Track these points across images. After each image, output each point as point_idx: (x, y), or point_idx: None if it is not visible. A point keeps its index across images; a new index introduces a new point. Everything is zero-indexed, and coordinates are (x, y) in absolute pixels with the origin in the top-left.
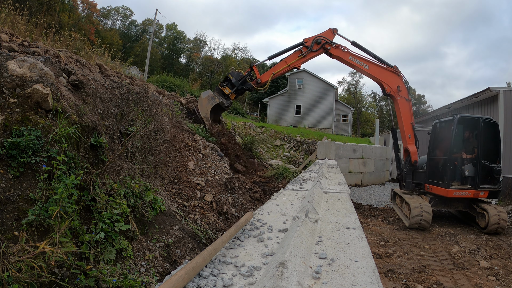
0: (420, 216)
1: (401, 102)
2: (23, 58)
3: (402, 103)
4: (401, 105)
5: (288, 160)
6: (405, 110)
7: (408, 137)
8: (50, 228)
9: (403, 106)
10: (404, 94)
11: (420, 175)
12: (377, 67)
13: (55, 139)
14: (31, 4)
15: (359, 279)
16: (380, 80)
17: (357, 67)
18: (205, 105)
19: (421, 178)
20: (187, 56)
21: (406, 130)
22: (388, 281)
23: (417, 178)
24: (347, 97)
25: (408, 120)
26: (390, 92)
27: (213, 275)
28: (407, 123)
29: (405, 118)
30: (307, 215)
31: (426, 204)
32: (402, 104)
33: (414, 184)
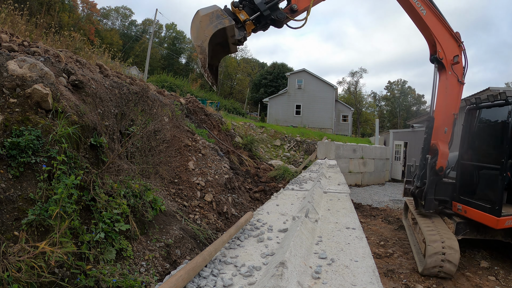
0: (441, 256)
1: (452, 80)
2: (23, 58)
3: (452, 82)
4: (451, 84)
5: (288, 160)
6: (453, 93)
7: (444, 131)
8: (50, 228)
9: (452, 87)
10: (459, 72)
11: (446, 187)
12: (437, 19)
13: (55, 139)
14: (31, 4)
15: (359, 279)
16: (435, 36)
17: (412, 7)
18: (204, 27)
19: (447, 192)
20: (187, 56)
21: (444, 121)
22: (388, 281)
23: (440, 191)
24: (347, 97)
25: (451, 107)
26: (442, 59)
27: (213, 275)
28: (448, 111)
29: (448, 104)
30: (307, 215)
31: (450, 237)
32: (452, 83)
33: (438, 201)
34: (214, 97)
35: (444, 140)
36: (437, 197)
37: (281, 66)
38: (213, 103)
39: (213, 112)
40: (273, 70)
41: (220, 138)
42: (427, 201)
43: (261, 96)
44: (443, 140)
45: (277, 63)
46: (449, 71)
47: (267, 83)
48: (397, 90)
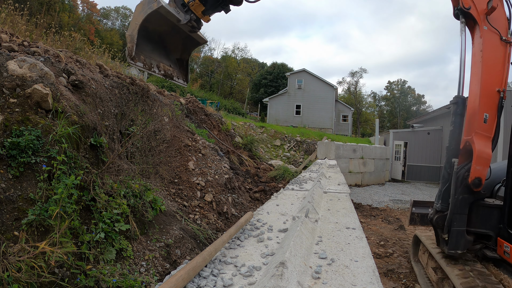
0: None
1: (489, 39)
2: (23, 58)
3: (490, 41)
4: (488, 45)
5: (288, 160)
6: (494, 59)
7: (483, 119)
8: (50, 228)
9: (491, 48)
10: (500, 25)
11: (487, 213)
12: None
13: (55, 139)
14: (31, 4)
15: (359, 279)
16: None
17: None
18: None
19: (489, 221)
20: None
21: (482, 103)
22: (388, 281)
23: (477, 219)
24: (347, 97)
25: (492, 81)
26: (470, 8)
27: (213, 275)
28: (488, 87)
29: (487, 76)
30: (307, 215)
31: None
32: (491, 44)
33: (473, 235)
34: (214, 97)
35: (483, 133)
36: (471, 229)
37: (281, 66)
38: (213, 103)
39: (213, 112)
40: (273, 70)
41: (220, 138)
42: (452, 235)
43: (261, 96)
44: (482, 134)
45: (277, 63)
46: (484, 25)
47: (267, 83)
48: (397, 90)
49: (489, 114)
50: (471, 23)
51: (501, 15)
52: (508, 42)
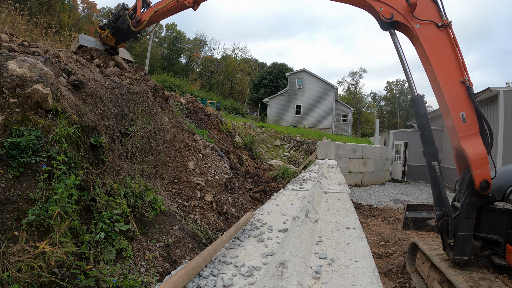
0: None
1: (426, 33)
2: (23, 58)
3: (428, 35)
4: (429, 40)
5: (288, 160)
6: (441, 51)
7: (461, 120)
8: (50, 228)
9: (433, 42)
10: (430, 13)
11: (495, 218)
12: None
13: (55, 139)
14: (31, 4)
15: (359, 279)
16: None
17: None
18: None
19: (500, 227)
20: (187, 56)
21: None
22: (388, 281)
23: (486, 226)
24: (347, 97)
25: (451, 74)
26: (392, 17)
27: (213, 275)
28: (448, 82)
29: (441, 72)
30: (307, 215)
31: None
32: (430, 37)
33: (481, 241)
34: (214, 97)
35: (468, 133)
36: (479, 234)
37: (281, 66)
38: (213, 103)
39: (213, 112)
40: (273, 70)
41: (220, 138)
42: (458, 241)
43: (261, 96)
44: (467, 135)
45: (277, 63)
46: (414, 23)
47: (267, 83)
48: (396, 90)
49: (465, 111)
50: (403, 27)
51: (425, 2)
52: (445, 25)
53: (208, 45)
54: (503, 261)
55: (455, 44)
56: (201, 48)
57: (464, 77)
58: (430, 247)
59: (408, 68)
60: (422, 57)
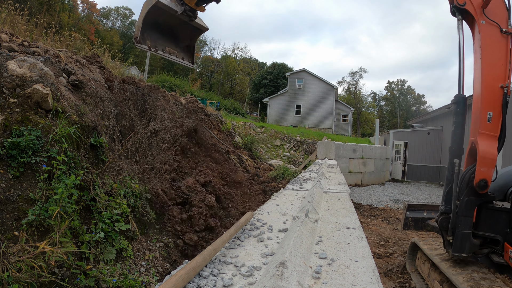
0: None
1: (488, 32)
2: (23, 58)
3: (489, 35)
4: (488, 39)
5: (288, 160)
6: (495, 53)
7: (487, 118)
8: (50, 228)
9: (491, 42)
10: (499, 17)
11: (494, 217)
12: None
13: (55, 139)
14: (31, 4)
15: (359, 279)
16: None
17: None
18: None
19: (498, 226)
20: None
21: (485, 101)
22: (388, 281)
23: (485, 223)
24: (347, 97)
25: (495, 76)
26: (464, 4)
27: (213, 275)
28: (491, 83)
29: (489, 71)
30: (307, 215)
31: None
32: (490, 37)
33: (480, 239)
34: (214, 97)
35: (488, 133)
36: (478, 232)
37: (281, 66)
38: (213, 103)
39: (213, 112)
40: (273, 70)
41: (220, 138)
42: (457, 238)
43: (261, 96)
44: (487, 134)
45: (277, 63)
46: (481, 19)
47: (267, 83)
48: (397, 90)
49: (493, 112)
50: (470, 18)
51: (499, 5)
52: (508, 33)
53: (208, 45)
54: (501, 259)
55: (509, 55)
56: (201, 48)
57: (506, 84)
58: (431, 247)
59: (463, 62)
60: (476, 52)
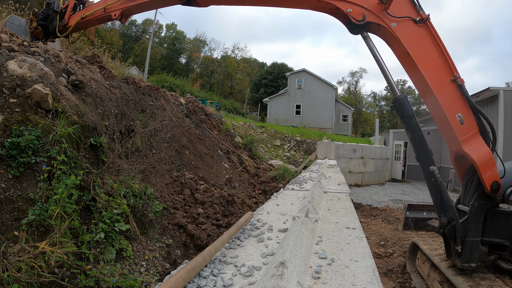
0: None
1: (403, 31)
2: (23, 58)
3: (405, 33)
4: (406, 38)
5: (288, 160)
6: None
7: (459, 122)
8: (50, 228)
9: (411, 40)
10: (404, 9)
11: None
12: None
13: (55, 139)
14: (31, 4)
15: (359, 279)
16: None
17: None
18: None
19: (506, 230)
20: (187, 56)
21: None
22: (388, 281)
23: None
24: (347, 97)
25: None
26: (363, 19)
27: (213, 275)
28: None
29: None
30: (307, 215)
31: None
32: (407, 36)
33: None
34: (214, 97)
35: (468, 135)
36: (484, 239)
37: (281, 66)
38: (213, 103)
39: (213, 112)
40: (273, 70)
41: (220, 138)
42: (467, 247)
43: (261, 96)
44: (468, 137)
45: (277, 63)
46: (390, 22)
47: (267, 83)
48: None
49: (461, 112)
50: (376, 28)
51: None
52: (423, 20)
53: (208, 45)
54: (510, 265)
55: (438, 39)
56: (201, 48)
57: (454, 75)
58: (431, 247)
59: (387, 69)
60: (405, 59)
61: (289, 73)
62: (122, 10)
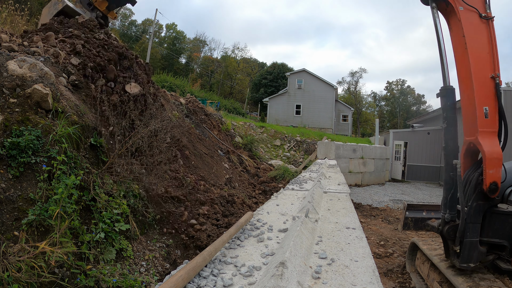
0: None
1: (468, 19)
2: (23, 58)
3: (470, 22)
4: (469, 27)
5: (288, 160)
6: (478, 41)
7: (484, 114)
8: (50, 228)
9: (473, 29)
10: (476, 2)
11: (501, 221)
12: None
13: (55, 139)
14: (31, 4)
15: (359, 279)
16: None
17: None
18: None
19: (505, 231)
20: (187, 56)
21: (480, 96)
22: (388, 281)
23: (491, 229)
24: (347, 97)
25: (482, 66)
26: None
27: (213, 275)
28: (480, 74)
29: (476, 61)
30: (307, 215)
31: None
32: (471, 24)
33: (485, 246)
34: (214, 97)
35: (488, 130)
36: (483, 239)
37: (281, 66)
38: (213, 103)
39: (213, 112)
40: (273, 70)
41: (220, 138)
42: (465, 247)
43: (261, 96)
44: (487, 131)
45: (277, 63)
46: (459, 5)
47: (267, 83)
48: (397, 90)
49: (489, 107)
50: (443, 6)
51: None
52: (488, 18)
53: (208, 45)
54: (508, 266)
55: (493, 40)
56: (201, 48)
57: (496, 73)
58: (430, 247)
59: (445, 52)
60: (459, 42)
61: (289, 73)
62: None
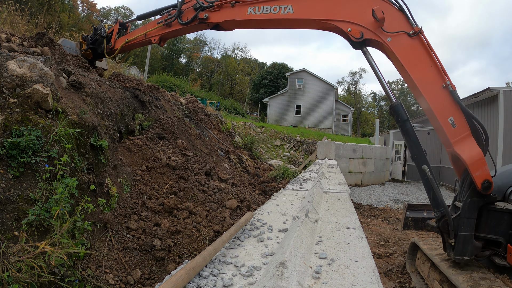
0: None
1: (400, 44)
2: (23, 58)
3: (402, 46)
4: (401, 52)
5: (288, 160)
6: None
7: (450, 125)
8: (50, 228)
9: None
10: (398, 24)
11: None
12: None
13: (55, 139)
14: (31, 4)
15: (359, 279)
16: (327, 21)
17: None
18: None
19: (501, 227)
20: (187, 56)
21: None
22: (388, 281)
23: (487, 226)
24: (347, 97)
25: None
26: (361, 37)
27: (213, 275)
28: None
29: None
30: (307, 215)
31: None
32: (405, 48)
33: (482, 241)
34: (214, 97)
35: (460, 137)
36: (479, 234)
37: (281, 66)
38: (213, 103)
39: (213, 112)
40: (273, 70)
41: (220, 138)
42: (459, 241)
43: (261, 96)
44: (460, 139)
45: (277, 63)
46: (385, 37)
47: (267, 83)
48: (397, 90)
49: (453, 116)
50: (375, 42)
51: (392, 14)
52: (417, 33)
53: (208, 45)
54: (503, 262)
55: (431, 50)
56: (201, 48)
57: (446, 82)
58: (430, 247)
59: (384, 79)
60: (400, 70)
61: (289, 73)
62: (160, 35)
